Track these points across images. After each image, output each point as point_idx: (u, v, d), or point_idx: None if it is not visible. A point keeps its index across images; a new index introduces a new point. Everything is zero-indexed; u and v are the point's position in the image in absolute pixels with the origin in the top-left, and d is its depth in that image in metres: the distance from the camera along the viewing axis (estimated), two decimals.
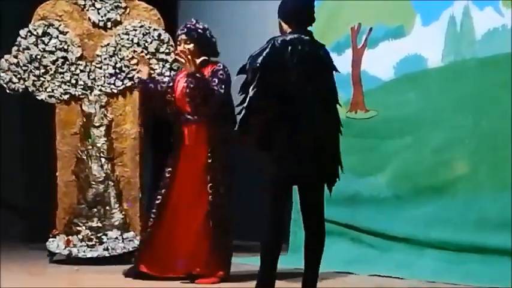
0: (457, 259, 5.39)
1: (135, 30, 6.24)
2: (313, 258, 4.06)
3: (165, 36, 6.25)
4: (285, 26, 4.10)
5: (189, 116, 5.25)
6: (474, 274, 5.13)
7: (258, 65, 3.87)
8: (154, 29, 6.26)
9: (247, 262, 5.71)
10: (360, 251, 6.03)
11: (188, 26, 5.31)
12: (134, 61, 6.19)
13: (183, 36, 5.27)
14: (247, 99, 3.86)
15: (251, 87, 3.87)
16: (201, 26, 5.33)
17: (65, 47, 6.24)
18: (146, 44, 6.22)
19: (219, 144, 5.20)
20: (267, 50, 3.92)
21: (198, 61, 5.17)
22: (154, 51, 6.21)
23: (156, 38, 6.23)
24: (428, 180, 5.66)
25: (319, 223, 4.07)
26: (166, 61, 6.21)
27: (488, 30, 5.41)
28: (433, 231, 5.57)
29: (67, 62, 6.24)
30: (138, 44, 6.22)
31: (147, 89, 5.52)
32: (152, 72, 5.89)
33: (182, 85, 5.26)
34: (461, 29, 5.56)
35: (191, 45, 5.25)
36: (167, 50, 6.22)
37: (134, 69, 6.16)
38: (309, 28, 4.10)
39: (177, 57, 5.33)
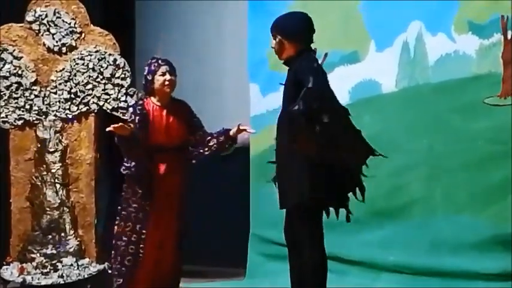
0: (413, 282, 5.43)
1: (91, 55, 6.20)
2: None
3: (121, 61, 6.23)
4: (288, 46, 4.11)
5: (163, 146, 5.16)
6: None
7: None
8: (110, 54, 6.23)
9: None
10: None
11: (164, 59, 5.25)
12: (89, 86, 6.16)
13: (166, 68, 5.19)
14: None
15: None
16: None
17: (19, 72, 6.18)
18: (101, 69, 6.19)
19: (189, 171, 5.21)
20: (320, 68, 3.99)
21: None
22: (109, 76, 6.19)
23: (112, 63, 6.20)
24: (384, 204, 5.71)
25: None
26: (122, 86, 6.18)
27: (440, 55, 5.50)
28: (389, 254, 5.60)
29: (21, 88, 6.17)
30: (94, 69, 6.18)
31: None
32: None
33: (164, 120, 5.19)
34: (414, 54, 5.65)
35: (171, 77, 5.19)
36: (123, 75, 6.20)
37: (89, 94, 6.12)
38: None
39: (165, 87, 5.19)
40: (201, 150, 5.19)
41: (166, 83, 5.16)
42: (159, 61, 5.23)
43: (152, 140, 5.15)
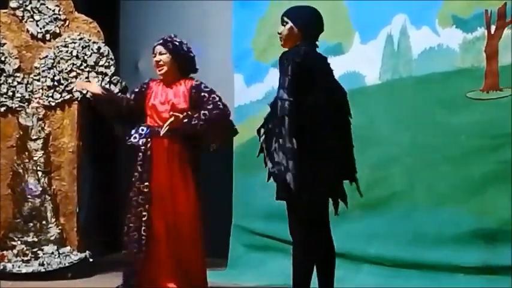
0: (394, 274, 5.45)
1: (74, 42, 6.18)
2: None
3: (105, 49, 6.21)
4: (296, 34, 4.12)
5: (159, 129, 5.04)
6: None
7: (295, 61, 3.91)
8: (94, 42, 6.22)
9: None
10: None
11: (165, 38, 5.21)
12: (73, 74, 6.13)
13: (159, 47, 5.16)
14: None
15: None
16: (178, 40, 5.24)
17: (2, 58, 6.16)
18: (85, 57, 6.17)
19: (192, 154, 5.11)
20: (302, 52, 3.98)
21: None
22: (93, 64, 6.17)
23: (96, 51, 6.19)
24: (366, 196, 5.71)
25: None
26: (106, 74, 6.17)
27: (424, 49, 5.50)
28: (370, 246, 5.62)
29: (4, 74, 6.15)
30: (77, 57, 6.17)
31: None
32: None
33: (162, 99, 5.14)
34: (398, 47, 5.65)
35: (165, 56, 5.15)
36: (107, 63, 6.18)
37: (73, 82, 6.10)
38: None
39: (155, 67, 5.17)
40: (193, 122, 4.99)
41: (155, 63, 5.14)
42: (160, 41, 5.19)
43: (154, 119, 5.09)
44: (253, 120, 6.50)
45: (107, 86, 6.04)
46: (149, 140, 5.06)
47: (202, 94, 5.09)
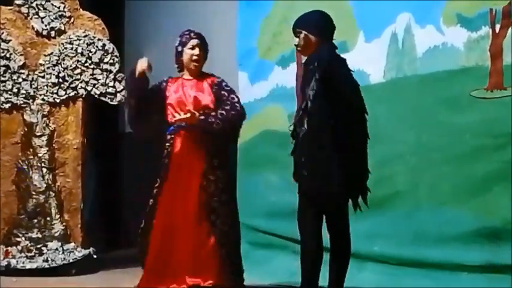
0: (397, 272, 5.45)
1: (79, 39, 6.20)
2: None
3: (110, 46, 6.23)
4: (313, 40, 4.16)
5: (181, 124, 4.95)
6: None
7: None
8: (99, 39, 6.23)
9: None
10: None
11: (196, 32, 5.11)
12: (78, 71, 6.15)
13: (196, 41, 5.07)
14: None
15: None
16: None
17: (7, 55, 6.17)
18: (90, 54, 6.19)
19: (216, 149, 5.00)
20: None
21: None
22: (98, 61, 6.19)
23: (101, 48, 6.20)
24: (370, 194, 5.73)
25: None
26: (111, 71, 6.18)
27: (429, 47, 5.50)
28: (373, 245, 5.63)
29: (9, 71, 6.17)
30: (82, 54, 6.18)
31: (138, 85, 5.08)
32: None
33: (180, 93, 5.05)
34: (403, 46, 5.66)
35: (200, 52, 5.07)
36: (111, 61, 6.20)
37: (77, 79, 6.12)
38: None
39: (189, 61, 5.06)
40: (209, 120, 4.90)
41: (194, 57, 5.04)
42: (191, 34, 5.08)
43: (172, 115, 4.99)
44: (258, 118, 6.53)
45: (112, 84, 6.06)
46: (172, 136, 5.00)
47: (223, 92, 5.02)
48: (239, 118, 5.02)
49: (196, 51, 5.04)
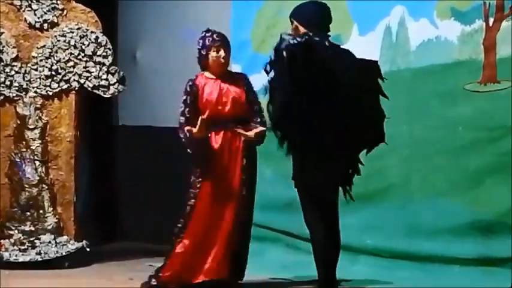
0: (390, 265, 5.47)
1: (72, 32, 6.17)
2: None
3: (103, 39, 6.21)
4: (302, 31, 4.16)
5: (217, 118, 4.98)
6: (408, 280, 5.21)
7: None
8: (92, 32, 6.21)
9: None
10: (295, 257, 6.07)
11: (219, 32, 5.11)
12: (71, 63, 6.13)
13: (220, 43, 5.05)
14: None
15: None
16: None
17: (0, 47, 6.14)
18: (83, 47, 6.16)
19: (252, 148, 5.07)
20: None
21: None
22: (91, 53, 6.16)
23: (94, 40, 6.18)
24: (363, 187, 5.72)
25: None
26: (104, 64, 6.16)
27: (422, 41, 5.52)
28: (366, 237, 5.64)
29: (1, 63, 6.14)
30: (75, 47, 6.16)
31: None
32: None
33: (216, 92, 5.05)
34: (396, 39, 5.67)
35: (226, 54, 5.07)
36: (104, 53, 6.17)
37: (70, 72, 6.10)
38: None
39: (214, 63, 5.05)
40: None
41: (222, 60, 5.04)
42: (214, 36, 5.05)
43: (204, 113, 4.97)
44: None
45: (105, 76, 6.05)
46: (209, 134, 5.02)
47: (251, 97, 5.08)
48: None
49: (222, 53, 5.05)
